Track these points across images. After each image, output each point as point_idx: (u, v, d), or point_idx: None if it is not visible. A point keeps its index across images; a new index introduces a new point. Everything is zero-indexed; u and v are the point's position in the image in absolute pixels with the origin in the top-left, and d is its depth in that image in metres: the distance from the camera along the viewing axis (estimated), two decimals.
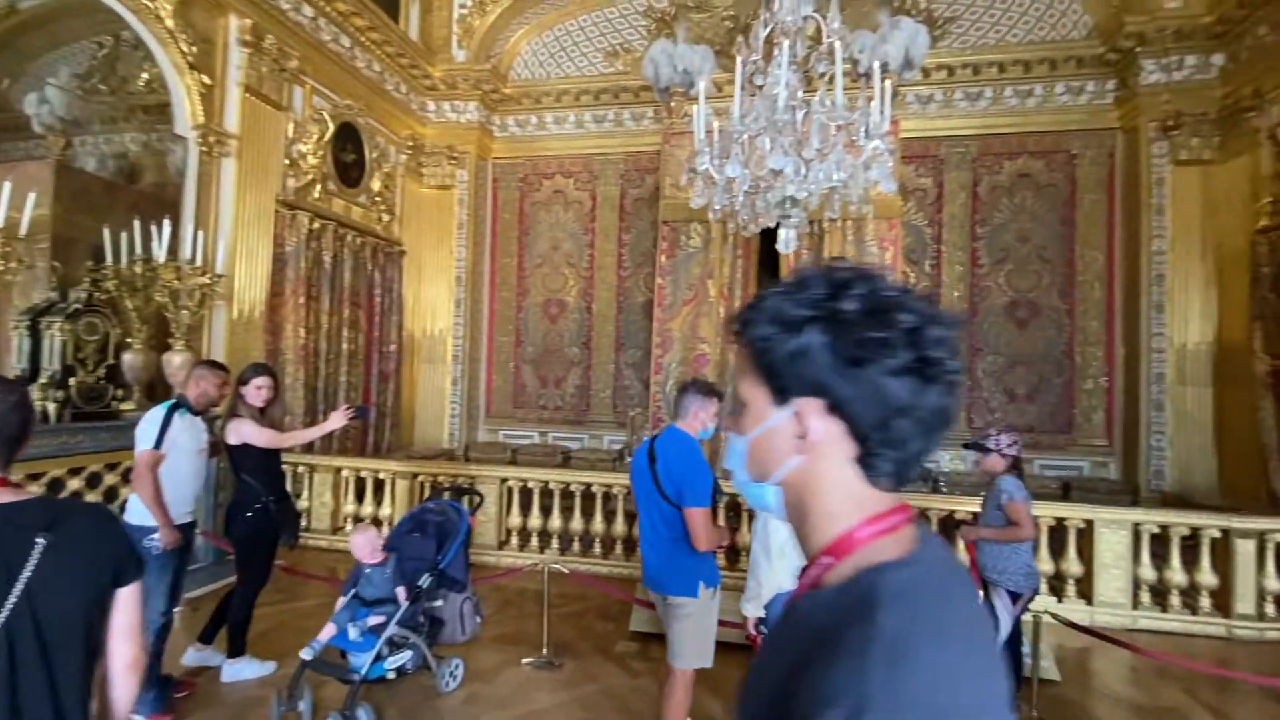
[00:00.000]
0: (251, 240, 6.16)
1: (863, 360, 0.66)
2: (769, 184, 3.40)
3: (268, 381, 3.58)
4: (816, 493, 0.72)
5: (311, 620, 4.10)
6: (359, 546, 3.35)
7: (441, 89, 8.83)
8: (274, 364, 6.36)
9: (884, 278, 0.71)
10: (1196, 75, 7.14)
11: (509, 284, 9.48)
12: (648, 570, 2.72)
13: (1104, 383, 7.77)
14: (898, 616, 0.60)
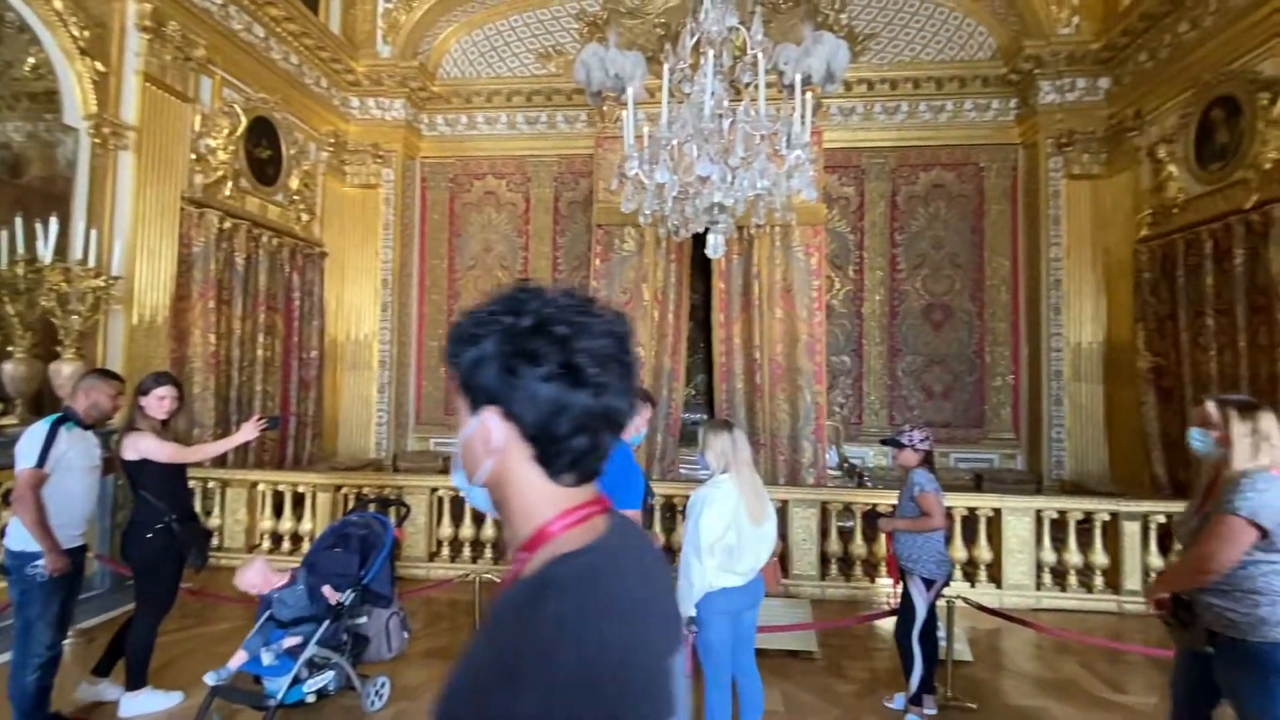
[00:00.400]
0: (153, 240, 5.73)
1: (517, 369, 0.74)
2: (697, 190, 3.47)
3: (171, 392, 3.34)
4: (509, 492, 0.80)
5: (224, 645, 3.85)
6: (251, 583, 3.17)
7: (366, 85, 8.52)
8: (180, 373, 5.95)
9: (560, 296, 0.79)
10: (1086, 97, 7.78)
11: (439, 286, 9.23)
12: None
13: (1010, 380, 8.33)
14: (562, 600, 0.67)
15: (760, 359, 6.00)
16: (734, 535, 2.64)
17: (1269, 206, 5.45)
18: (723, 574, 2.66)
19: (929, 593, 3.30)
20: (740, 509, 2.66)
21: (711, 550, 2.62)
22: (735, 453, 2.73)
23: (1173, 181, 6.68)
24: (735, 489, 2.67)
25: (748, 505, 2.68)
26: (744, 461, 2.74)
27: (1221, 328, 5.99)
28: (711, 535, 2.62)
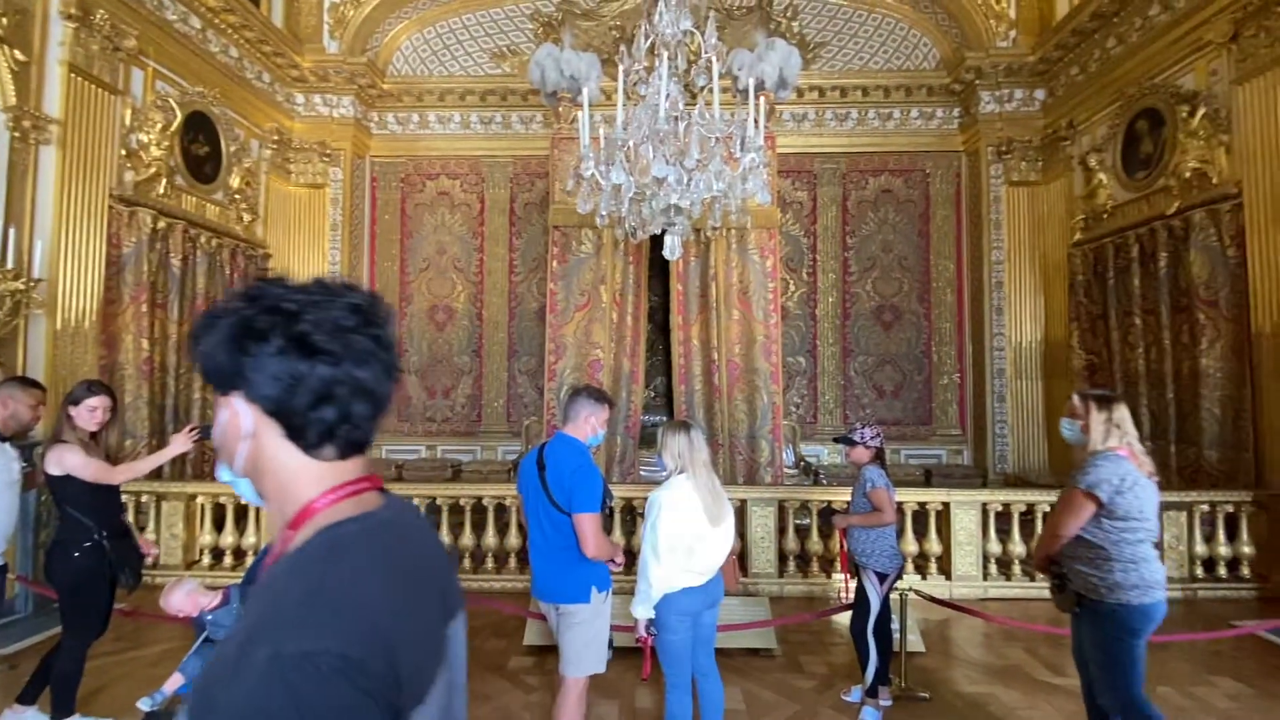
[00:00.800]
0: (78, 240, 5.40)
1: (247, 347, 0.76)
2: (654, 192, 3.47)
3: (104, 402, 3.11)
4: (266, 473, 0.80)
5: (160, 669, 3.65)
6: (177, 606, 2.98)
7: (311, 80, 8.23)
8: (111, 380, 5.61)
9: (307, 283, 0.80)
10: (1023, 107, 8.14)
11: (390, 289, 8.98)
12: (537, 580, 2.66)
13: (956, 379, 8.63)
14: (329, 563, 0.70)
15: (718, 360, 6.05)
16: (692, 536, 2.63)
17: (1189, 212, 5.81)
18: (682, 574, 2.65)
19: (882, 586, 3.37)
20: (697, 509, 2.65)
21: (671, 550, 2.61)
22: (692, 453, 2.72)
23: (1103, 189, 7.05)
24: (692, 489, 2.66)
25: (705, 506, 2.66)
26: (700, 462, 2.72)
27: (1148, 326, 6.35)
28: (669, 536, 2.61)
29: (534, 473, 2.67)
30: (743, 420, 6.09)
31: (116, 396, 3.29)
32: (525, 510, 2.74)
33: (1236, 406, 5.48)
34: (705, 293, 6.23)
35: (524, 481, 2.73)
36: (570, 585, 2.56)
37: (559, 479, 2.56)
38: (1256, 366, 5.33)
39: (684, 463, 2.72)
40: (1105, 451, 2.48)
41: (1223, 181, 5.66)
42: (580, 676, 2.59)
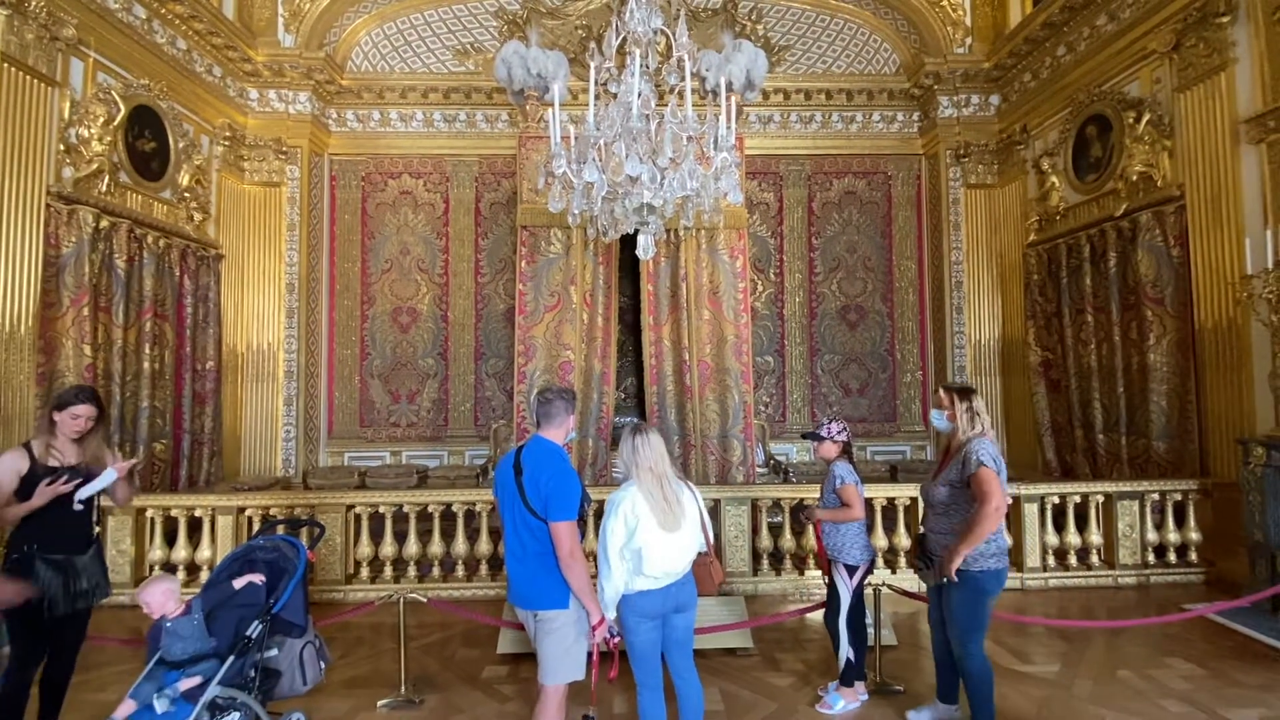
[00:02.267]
0: (11, 240, 5.09)
1: None
2: (626, 190, 3.43)
3: (89, 411, 2.98)
4: None
5: (111, 694, 3.45)
6: (154, 602, 2.83)
7: (265, 75, 7.95)
8: (50, 389, 5.30)
9: None
10: (980, 112, 8.39)
11: (351, 291, 8.74)
12: (514, 586, 2.58)
13: (919, 376, 8.83)
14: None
15: (690, 360, 6.04)
16: (640, 541, 2.54)
17: (1136, 214, 6.06)
18: (636, 577, 2.59)
19: (852, 579, 3.40)
20: (646, 515, 2.54)
21: (619, 555, 2.55)
22: (636, 459, 2.62)
23: (1055, 191, 7.30)
24: (639, 496, 2.57)
25: (654, 512, 2.55)
26: (646, 468, 2.60)
27: (1099, 323, 6.60)
28: (616, 540, 2.54)
29: (510, 476, 2.60)
30: (714, 420, 6.10)
31: (102, 406, 3.11)
32: (501, 515, 2.66)
33: (1182, 399, 5.73)
34: (676, 293, 6.22)
35: (500, 486, 2.65)
36: (547, 591, 2.50)
37: (536, 484, 2.49)
38: (1200, 361, 5.59)
39: (629, 468, 2.66)
40: (978, 436, 2.89)
41: (1166, 185, 5.93)
42: (559, 684, 2.53)
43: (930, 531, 3.07)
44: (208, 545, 5.04)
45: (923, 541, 3.15)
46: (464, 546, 5.10)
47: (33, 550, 2.90)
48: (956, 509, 2.95)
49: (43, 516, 2.95)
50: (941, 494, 2.97)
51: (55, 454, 2.97)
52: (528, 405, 6.08)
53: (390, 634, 4.33)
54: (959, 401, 3.00)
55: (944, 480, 2.97)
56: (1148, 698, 3.50)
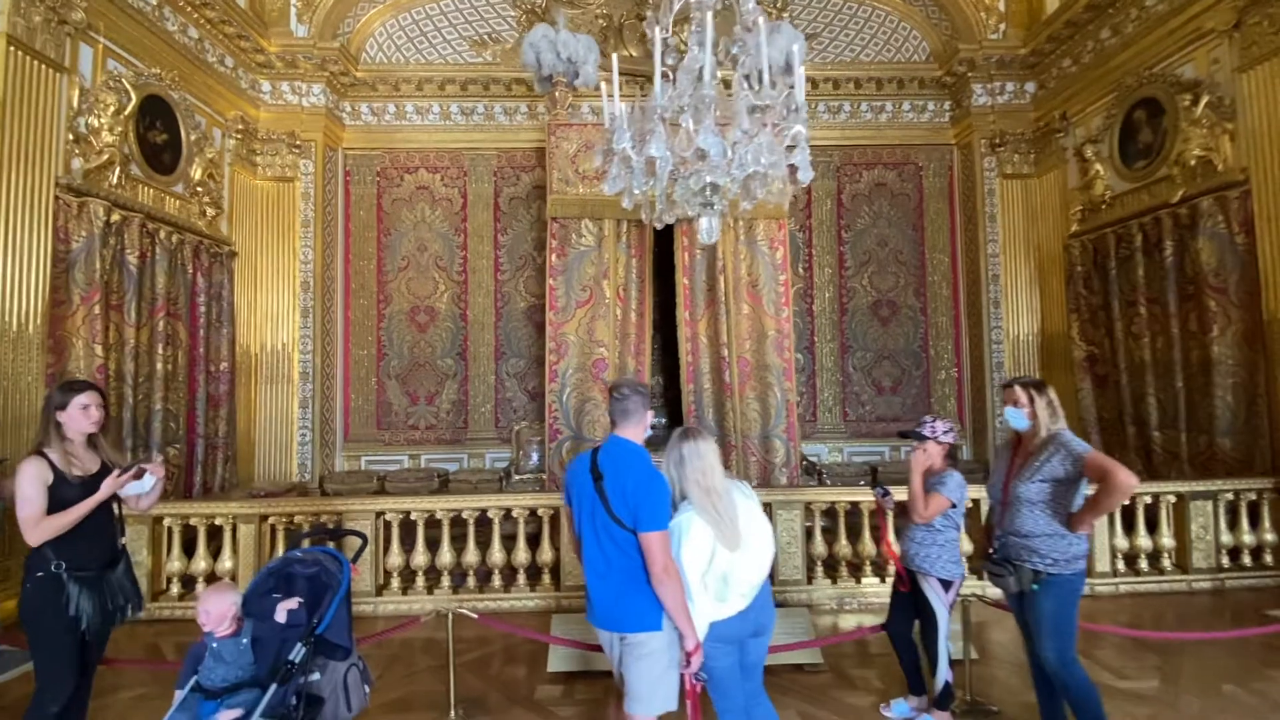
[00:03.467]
0: (19, 234, 4.81)
1: None
2: (694, 168, 3.15)
3: (95, 399, 2.71)
4: None
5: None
6: (215, 613, 2.56)
7: (278, 67, 7.68)
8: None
9: None
10: (1014, 100, 8.13)
11: (367, 290, 8.46)
12: (597, 606, 2.29)
13: (954, 373, 8.55)
14: None
15: (729, 356, 5.77)
16: (720, 566, 2.26)
17: (1196, 200, 5.79)
18: (719, 605, 2.30)
19: (949, 594, 3.11)
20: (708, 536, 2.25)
21: (704, 582, 2.27)
22: (683, 470, 2.32)
23: (1100, 179, 7.04)
24: (695, 515, 2.27)
25: (713, 532, 2.25)
26: (693, 481, 2.30)
27: (1154, 316, 6.32)
28: (695, 567, 2.26)
29: (588, 482, 2.31)
30: (755, 419, 5.82)
31: (107, 396, 2.85)
32: (578, 525, 2.38)
33: (1250, 393, 5.46)
34: (713, 286, 5.95)
35: (576, 492, 2.37)
36: (638, 611, 2.21)
37: (621, 491, 2.21)
38: (1270, 353, 5.31)
39: (675, 482, 2.34)
40: (1059, 431, 2.73)
41: (1228, 169, 5.66)
42: (651, 716, 2.24)
43: (1013, 534, 2.76)
44: (229, 556, 4.75)
45: (999, 546, 2.83)
46: (500, 555, 4.81)
47: (60, 569, 2.59)
48: (1052, 506, 2.70)
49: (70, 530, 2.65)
50: (1033, 491, 2.69)
51: (76, 461, 2.67)
52: (560, 405, 5.80)
53: (426, 650, 4.05)
54: (1038, 397, 2.77)
55: (1038, 477, 2.68)
56: (1260, 714, 3.22)
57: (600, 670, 3.67)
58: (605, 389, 5.74)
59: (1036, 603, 2.70)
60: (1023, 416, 2.77)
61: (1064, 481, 2.71)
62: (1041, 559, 2.67)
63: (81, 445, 2.71)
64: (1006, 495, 2.80)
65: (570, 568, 4.75)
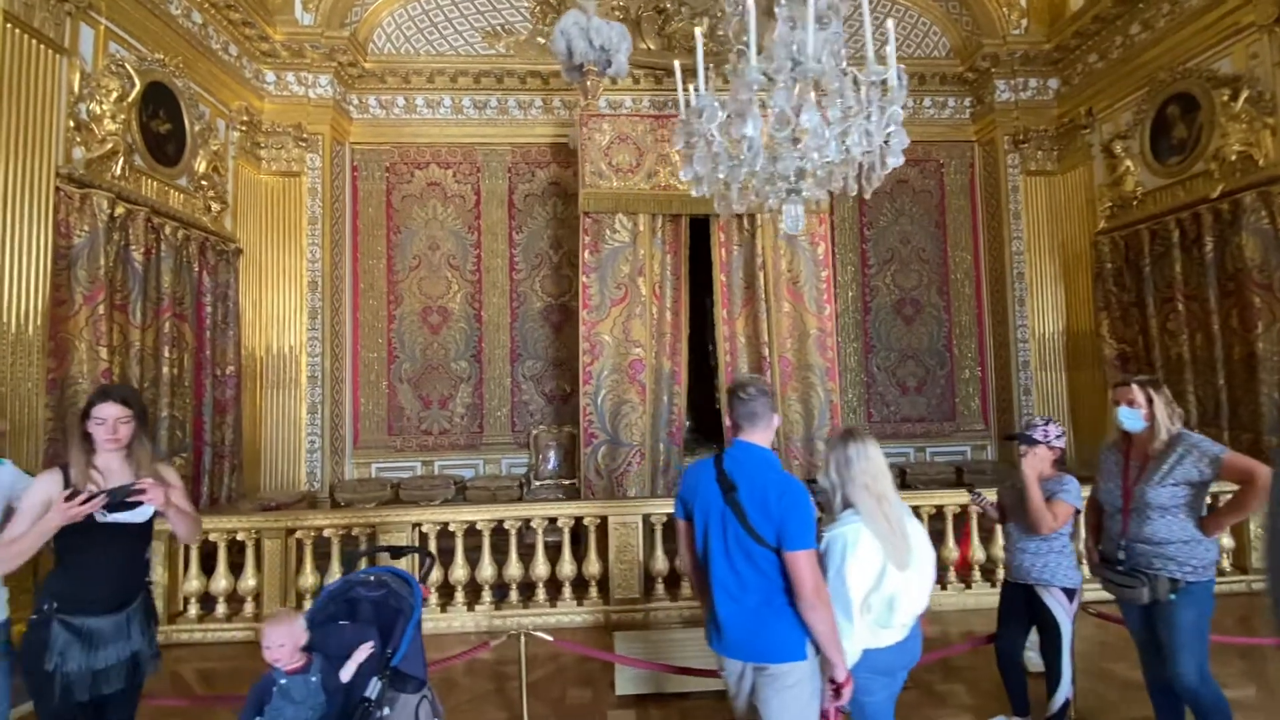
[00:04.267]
0: (17, 227, 4.44)
1: None
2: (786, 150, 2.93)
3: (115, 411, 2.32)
4: None
5: None
6: (287, 646, 2.28)
7: (284, 56, 7.33)
8: (63, 397, 4.66)
9: None
10: (1037, 96, 8.06)
11: (376, 290, 8.12)
12: (729, 632, 2.04)
13: (978, 372, 8.45)
14: None
15: (770, 356, 5.56)
16: (890, 587, 2.07)
17: (1238, 195, 5.72)
18: (880, 631, 2.11)
19: (1073, 604, 2.92)
20: (877, 551, 2.07)
21: (866, 606, 2.07)
22: (849, 472, 2.12)
23: (1130, 176, 6.97)
24: (863, 527, 2.08)
25: (883, 545, 2.07)
26: (861, 485, 2.11)
27: (1192, 312, 6.25)
28: (859, 586, 2.06)
29: (716, 493, 2.08)
30: (798, 421, 5.63)
31: (140, 405, 2.47)
32: (701, 541, 2.13)
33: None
34: (751, 283, 5.75)
35: (701, 505, 2.12)
36: (780, 639, 1.97)
37: (761, 503, 1.97)
38: None
39: (837, 487, 2.15)
40: (1183, 431, 2.60)
41: (1270, 164, 5.60)
42: None
43: (1143, 542, 2.57)
44: (251, 574, 4.42)
45: (1124, 556, 2.64)
46: (544, 568, 4.54)
47: (51, 609, 2.24)
48: (1185, 510, 2.53)
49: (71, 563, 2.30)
50: (1165, 496, 2.53)
51: (96, 476, 2.31)
52: (594, 408, 5.55)
53: (483, 672, 3.77)
54: (1156, 396, 2.64)
55: (1169, 481, 2.52)
56: None
57: (673, 693, 3.44)
58: (641, 391, 5.51)
59: (1174, 614, 2.53)
60: (1139, 417, 2.62)
61: (1198, 485, 2.55)
62: (1179, 566, 2.52)
63: (117, 458, 2.37)
64: (1128, 501, 2.62)
65: (620, 580, 4.51)
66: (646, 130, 5.60)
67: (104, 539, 2.32)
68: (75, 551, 2.32)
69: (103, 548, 2.33)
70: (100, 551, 2.32)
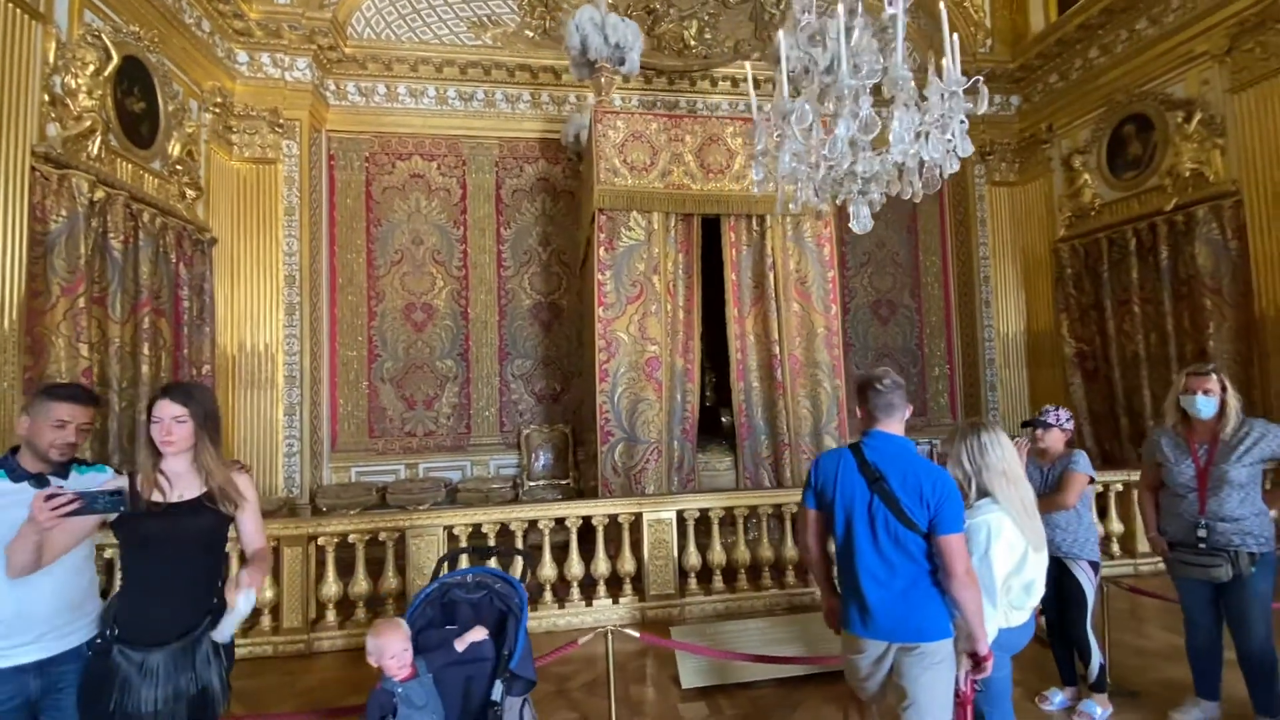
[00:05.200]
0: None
1: None
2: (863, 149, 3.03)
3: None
4: None
5: None
6: (399, 656, 2.19)
7: (258, 35, 6.88)
8: None
9: None
10: (1000, 112, 8.61)
11: (355, 285, 7.76)
12: (879, 615, 2.10)
13: (946, 370, 8.94)
14: None
15: (780, 354, 5.70)
16: (1032, 571, 2.25)
17: (1192, 208, 6.32)
18: (1013, 612, 2.27)
19: (1096, 577, 3.19)
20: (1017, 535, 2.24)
21: (1006, 588, 2.22)
22: (985, 460, 2.30)
23: (1088, 188, 7.57)
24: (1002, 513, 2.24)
25: (1020, 529, 2.25)
26: (1000, 471, 2.28)
27: (1147, 314, 6.85)
28: (1003, 568, 2.22)
29: (861, 483, 2.14)
30: (806, 417, 5.79)
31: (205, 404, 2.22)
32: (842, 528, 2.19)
33: (1243, 385, 6.00)
34: (760, 283, 5.87)
35: (843, 494, 2.18)
36: (931, 619, 2.06)
37: (915, 490, 2.06)
38: (1262, 349, 5.88)
39: (974, 475, 2.31)
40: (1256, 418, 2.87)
41: (1220, 181, 6.22)
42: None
43: (1223, 520, 2.83)
44: (270, 584, 4.14)
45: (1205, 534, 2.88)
46: (579, 566, 4.48)
47: (113, 636, 2.02)
48: (1256, 486, 2.82)
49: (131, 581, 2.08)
50: (1243, 474, 2.79)
51: (162, 481, 2.09)
52: (611, 406, 5.52)
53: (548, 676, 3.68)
54: (1229, 384, 2.89)
55: (1248, 459, 2.78)
56: None
57: (735, 683, 3.49)
58: (658, 388, 5.53)
59: (1252, 585, 2.76)
60: (1214, 403, 2.85)
61: (1270, 461, 2.82)
62: (1255, 539, 2.77)
63: (183, 462, 2.14)
64: (1204, 481, 2.86)
65: (655, 576, 4.51)
66: (660, 129, 5.62)
67: (164, 551, 2.08)
68: (133, 566, 2.12)
69: (163, 561, 2.08)
70: (160, 565, 2.08)
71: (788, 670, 3.47)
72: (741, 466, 5.76)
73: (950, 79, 2.97)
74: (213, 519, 2.15)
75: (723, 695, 3.43)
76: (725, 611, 4.52)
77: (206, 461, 2.16)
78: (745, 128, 5.74)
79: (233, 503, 2.19)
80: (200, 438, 2.15)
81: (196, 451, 2.16)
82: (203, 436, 2.16)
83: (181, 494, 2.12)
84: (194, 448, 2.15)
